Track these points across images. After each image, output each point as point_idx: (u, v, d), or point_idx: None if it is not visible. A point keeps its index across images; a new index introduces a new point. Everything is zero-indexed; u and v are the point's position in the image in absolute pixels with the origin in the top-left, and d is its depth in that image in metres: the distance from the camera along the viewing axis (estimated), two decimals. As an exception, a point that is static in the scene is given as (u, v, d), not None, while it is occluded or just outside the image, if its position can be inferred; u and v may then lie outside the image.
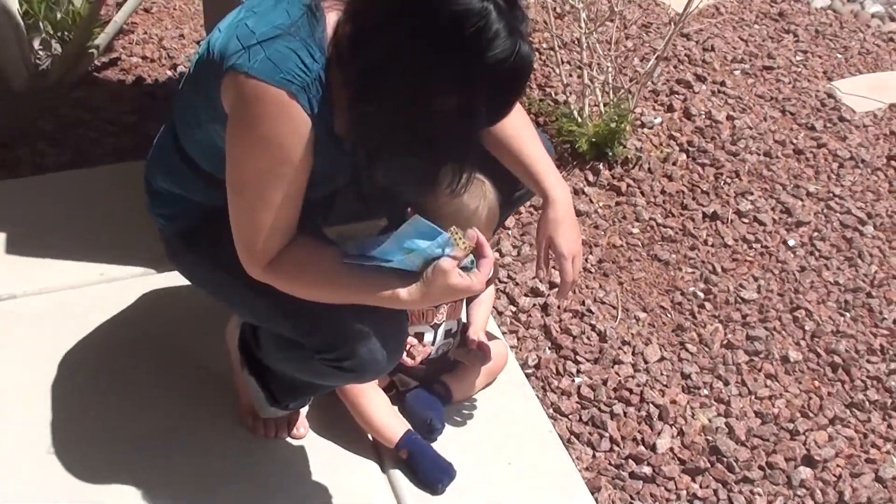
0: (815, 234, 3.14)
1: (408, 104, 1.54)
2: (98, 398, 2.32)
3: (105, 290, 2.61)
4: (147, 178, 2.04)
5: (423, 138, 1.58)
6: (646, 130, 3.53)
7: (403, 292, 1.68)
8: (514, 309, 2.76)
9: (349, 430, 2.29)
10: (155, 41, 3.84)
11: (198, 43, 3.73)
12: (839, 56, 4.19)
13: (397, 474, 2.23)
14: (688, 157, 3.42)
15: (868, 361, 2.70)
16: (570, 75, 3.73)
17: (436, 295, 1.68)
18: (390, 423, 2.23)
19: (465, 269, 1.68)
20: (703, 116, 3.62)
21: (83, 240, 2.74)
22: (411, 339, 2.27)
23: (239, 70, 1.57)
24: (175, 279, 2.48)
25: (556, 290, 2.18)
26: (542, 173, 2.00)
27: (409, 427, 2.24)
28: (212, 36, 1.71)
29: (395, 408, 2.30)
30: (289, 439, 2.28)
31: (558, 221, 1.99)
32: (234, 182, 1.70)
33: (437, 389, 2.34)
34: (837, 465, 2.42)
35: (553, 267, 2.60)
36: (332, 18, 1.62)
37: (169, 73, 3.67)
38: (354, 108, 1.60)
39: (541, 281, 2.18)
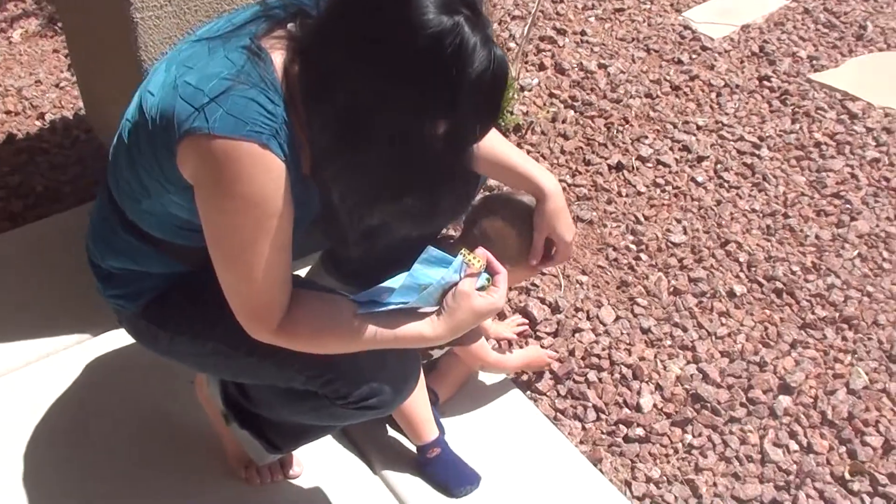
0: (718, 165, 3.24)
1: (398, 143, 1.45)
2: (76, 480, 2.20)
3: (46, 366, 2.46)
4: (93, 261, 1.87)
5: (419, 174, 1.51)
6: (527, 93, 3.55)
7: (427, 329, 1.63)
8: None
9: (332, 452, 2.27)
10: (13, 92, 3.62)
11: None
12: (681, -14, 4.32)
13: (392, 476, 2.23)
14: (575, 112, 3.47)
15: (806, 280, 2.81)
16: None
17: (461, 321, 1.63)
18: (428, 421, 2.19)
19: (481, 288, 1.65)
20: (576, 69, 3.67)
21: None
22: None
23: (199, 133, 1.45)
24: (116, 339, 2.36)
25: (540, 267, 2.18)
26: (528, 171, 2.00)
27: (440, 426, 2.24)
28: (144, 100, 1.58)
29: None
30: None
31: (557, 212, 2.00)
32: (223, 251, 1.57)
33: (425, 395, 2.32)
34: (811, 387, 2.52)
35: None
36: (277, 58, 1.51)
37: (38, 123, 3.46)
38: (337, 160, 1.51)
39: (533, 268, 2.16)
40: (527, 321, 2.65)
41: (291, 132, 1.50)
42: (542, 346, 2.60)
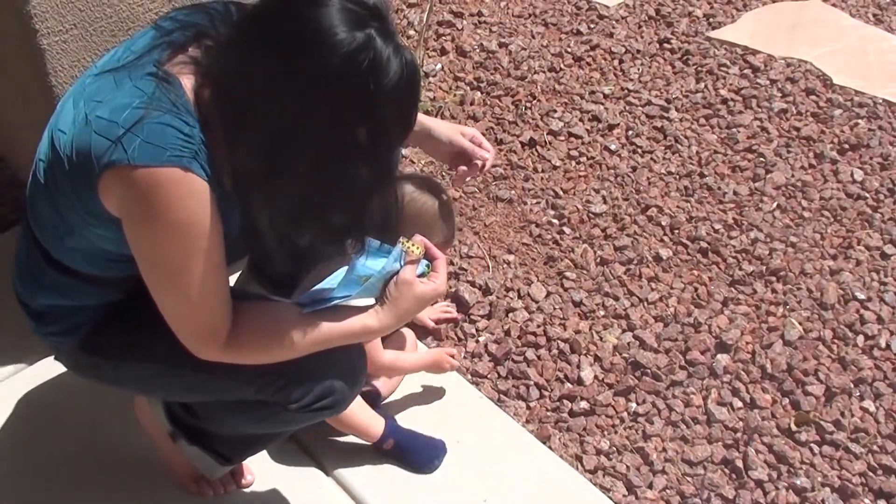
0: (630, 132, 3.23)
1: (325, 162, 1.45)
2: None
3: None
4: (23, 301, 1.81)
5: (347, 190, 1.50)
6: (431, 79, 3.51)
7: (373, 321, 1.63)
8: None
9: (283, 458, 2.21)
10: None
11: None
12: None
13: (344, 473, 2.19)
14: (482, 93, 3.44)
15: (730, 237, 2.82)
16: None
17: (406, 309, 1.64)
18: (371, 419, 2.17)
19: (421, 275, 1.65)
20: (478, 50, 3.64)
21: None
22: None
23: (119, 165, 1.41)
24: (51, 368, 2.27)
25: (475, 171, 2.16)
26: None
27: (384, 417, 2.19)
28: (56, 139, 1.53)
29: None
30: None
31: (447, 124, 2.06)
32: (158, 277, 1.54)
33: (366, 390, 2.27)
34: (747, 343, 2.52)
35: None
36: (186, 82, 1.49)
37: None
38: (264, 186, 1.49)
39: (473, 169, 2.10)
40: (452, 307, 2.60)
41: (210, 151, 1.47)
42: (477, 331, 2.56)
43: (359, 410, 2.16)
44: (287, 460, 2.21)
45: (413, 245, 1.63)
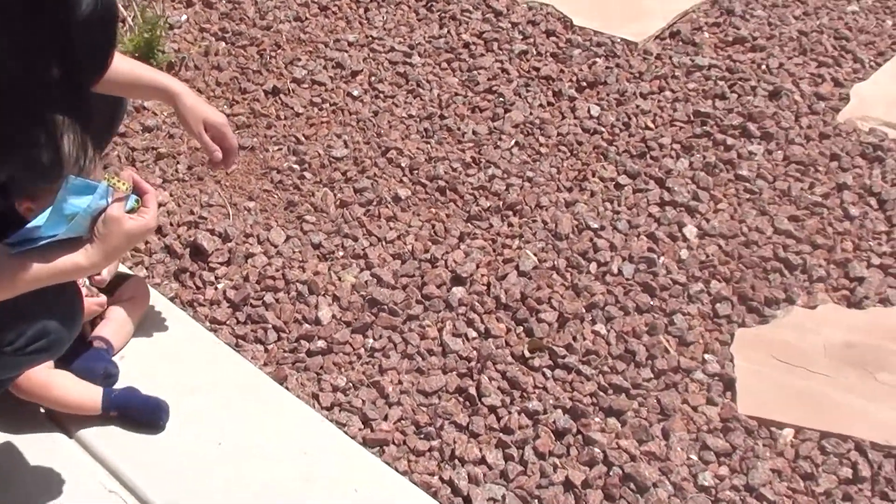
0: (373, 78, 3.25)
1: (14, 95, 1.38)
2: None
3: None
4: None
5: (39, 122, 1.44)
6: (177, 31, 3.44)
7: (82, 259, 1.61)
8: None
9: (21, 419, 2.14)
10: None
11: None
12: None
13: (87, 434, 2.14)
14: (227, 43, 3.39)
15: (468, 175, 2.87)
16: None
17: (116, 246, 1.63)
18: (85, 393, 2.13)
19: (131, 211, 1.65)
20: (224, 1, 3.59)
21: None
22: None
23: None
24: None
25: (221, 165, 2.20)
26: (153, 79, 2.07)
27: (102, 388, 2.15)
28: None
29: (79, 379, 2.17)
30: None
31: (198, 104, 2.14)
32: None
33: (98, 345, 2.23)
34: (483, 275, 2.58)
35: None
36: None
37: None
38: None
39: (216, 162, 2.13)
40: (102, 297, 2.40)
41: None
42: (216, 278, 2.54)
43: (71, 388, 2.13)
44: (27, 420, 2.15)
45: (119, 181, 1.61)
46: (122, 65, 2.03)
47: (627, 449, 2.18)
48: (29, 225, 1.57)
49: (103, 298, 2.28)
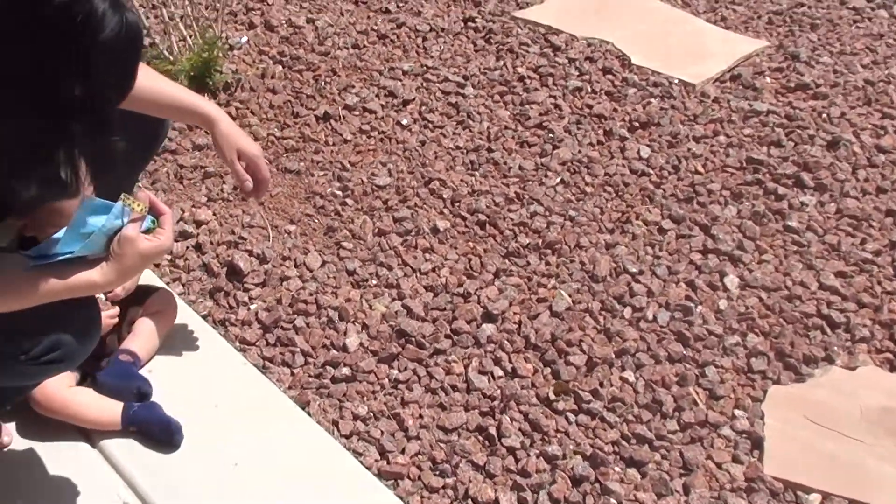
0: (423, 107, 3.24)
1: (37, 114, 1.41)
2: None
3: None
4: None
5: (59, 140, 1.47)
6: (236, 52, 3.48)
7: (97, 276, 1.63)
8: (168, 256, 2.67)
9: (45, 426, 2.17)
10: None
11: None
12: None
13: (109, 444, 2.16)
14: (283, 67, 3.42)
15: (510, 210, 2.85)
16: (148, 17, 3.61)
17: (130, 265, 1.65)
18: (105, 409, 2.16)
19: (147, 231, 1.67)
20: (285, 25, 3.62)
21: None
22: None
23: None
24: None
25: (252, 195, 2.22)
26: (192, 103, 2.08)
27: (122, 403, 2.17)
28: None
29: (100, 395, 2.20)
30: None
31: (234, 132, 2.13)
32: None
33: (124, 359, 2.25)
34: (515, 313, 2.55)
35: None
36: None
37: None
38: None
39: (246, 192, 2.14)
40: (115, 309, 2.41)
41: None
42: (250, 298, 2.56)
43: (91, 405, 2.16)
44: (52, 428, 2.17)
45: (135, 202, 1.63)
46: (164, 86, 2.06)
47: (645, 502, 2.13)
48: (51, 238, 1.60)
49: (116, 310, 2.29)
